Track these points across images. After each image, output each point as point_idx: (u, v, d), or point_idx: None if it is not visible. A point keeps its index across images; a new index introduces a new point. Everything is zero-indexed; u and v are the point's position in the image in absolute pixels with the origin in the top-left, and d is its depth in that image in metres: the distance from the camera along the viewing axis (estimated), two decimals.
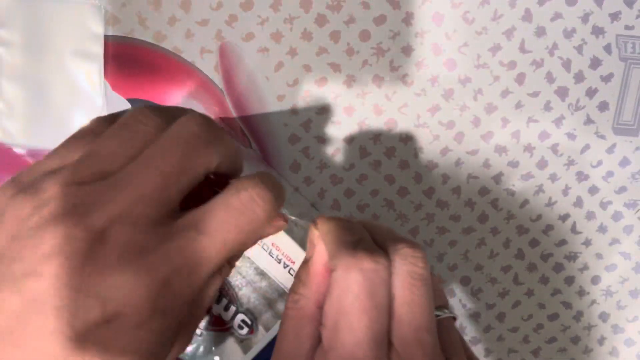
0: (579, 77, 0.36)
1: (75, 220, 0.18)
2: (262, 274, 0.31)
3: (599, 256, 0.40)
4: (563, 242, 0.40)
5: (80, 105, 0.34)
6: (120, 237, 0.19)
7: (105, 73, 0.34)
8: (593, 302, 0.41)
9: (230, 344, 0.32)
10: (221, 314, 0.32)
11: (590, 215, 0.39)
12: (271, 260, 0.31)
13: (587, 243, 0.40)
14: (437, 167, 0.38)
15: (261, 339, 0.31)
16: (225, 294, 0.31)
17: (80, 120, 0.34)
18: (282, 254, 0.31)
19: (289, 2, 0.34)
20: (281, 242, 0.30)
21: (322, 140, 0.36)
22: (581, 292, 0.41)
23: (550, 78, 0.36)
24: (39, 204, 0.19)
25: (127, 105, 0.35)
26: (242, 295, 0.31)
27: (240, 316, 0.31)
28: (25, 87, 0.34)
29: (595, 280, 0.41)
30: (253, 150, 0.36)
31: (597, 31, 0.35)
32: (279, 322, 0.31)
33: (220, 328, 0.32)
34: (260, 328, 0.31)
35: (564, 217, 0.39)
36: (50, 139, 0.35)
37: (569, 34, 0.35)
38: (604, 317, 0.42)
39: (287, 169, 0.37)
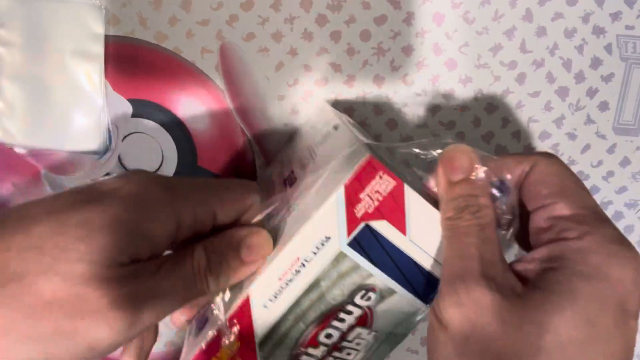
0: (580, 77, 0.36)
1: None
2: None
3: None
4: None
5: (80, 105, 0.34)
6: None
7: (105, 73, 0.34)
8: None
9: None
10: None
11: None
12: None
13: None
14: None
15: None
16: None
17: (81, 120, 0.34)
18: None
19: (289, 2, 0.34)
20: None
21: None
22: None
23: (550, 78, 0.36)
24: None
25: (127, 106, 0.35)
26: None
27: None
28: (25, 87, 0.34)
29: None
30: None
31: (598, 31, 0.35)
32: None
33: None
34: None
35: None
36: (50, 139, 0.35)
37: (569, 33, 0.35)
38: None
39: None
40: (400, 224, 0.26)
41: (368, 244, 0.26)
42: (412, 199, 0.25)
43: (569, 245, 0.21)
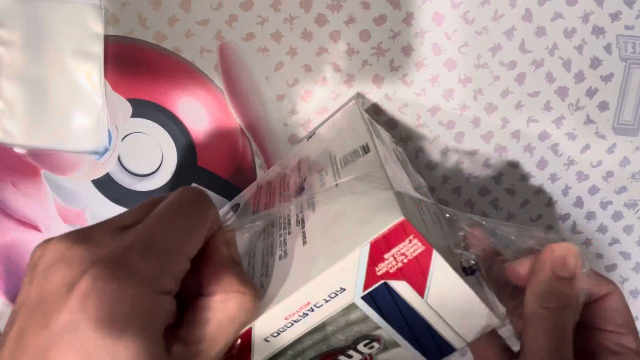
0: (579, 77, 0.36)
1: None
2: None
3: (599, 256, 0.40)
4: None
5: (80, 105, 0.34)
6: None
7: (105, 73, 0.34)
8: None
9: None
10: None
11: (590, 215, 0.39)
12: None
13: (587, 243, 0.40)
14: (437, 167, 0.38)
15: None
16: None
17: (80, 120, 0.34)
18: None
19: (289, 2, 0.34)
20: None
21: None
22: None
23: (550, 78, 0.36)
24: None
25: (127, 106, 0.35)
26: None
27: None
28: (25, 87, 0.34)
29: None
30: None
31: (597, 31, 0.35)
32: None
33: None
34: None
35: (564, 217, 0.39)
36: (50, 139, 0.35)
37: (569, 34, 0.35)
38: None
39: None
40: (420, 287, 0.25)
41: (382, 300, 0.25)
42: (439, 265, 0.25)
43: None
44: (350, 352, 0.27)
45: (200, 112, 0.35)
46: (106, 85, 0.34)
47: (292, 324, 0.26)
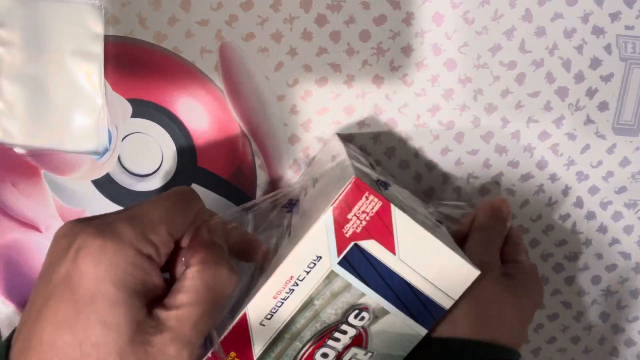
0: (579, 77, 0.36)
1: None
2: None
3: (599, 256, 0.40)
4: (563, 242, 0.40)
5: (80, 105, 0.34)
6: None
7: (105, 73, 0.34)
8: (593, 302, 0.41)
9: None
10: None
11: (590, 215, 0.39)
12: None
13: (587, 243, 0.40)
14: (437, 167, 0.38)
15: None
16: None
17: (80, 120, 0.34)
18: None
19: (289, 2, 0.34)
20: None
21: (322, 140, 0.36)
22: (581, 292, 0.41)
23: (550, 78, 0.36)
24: None
25: (127, 106, 0.35)
26: None
27: None
28: (25, 87, 0.34)
29: (595, 280, 0.41)
30: None
31: (597, 31, 0.35)
32: None
33: None
34: None
35: (564, 217, 0.39)
36: (50, 139, 0.35)
37: (569, 34, 0.35)
38: (604, 317, 0.42)
39: (287, 169, 0.37)
40: (389, 244, 0.27)
41: (358, 263, 0.27)
42: (400, 220, 0.26)
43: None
44: (344, 327, 0.28)
45: (200, 112, 0.35)
46: (106, 85, 0.34)
47: (282, 303, 0.27)
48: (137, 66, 0.34)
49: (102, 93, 0.34)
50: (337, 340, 0.28)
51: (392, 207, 0.26)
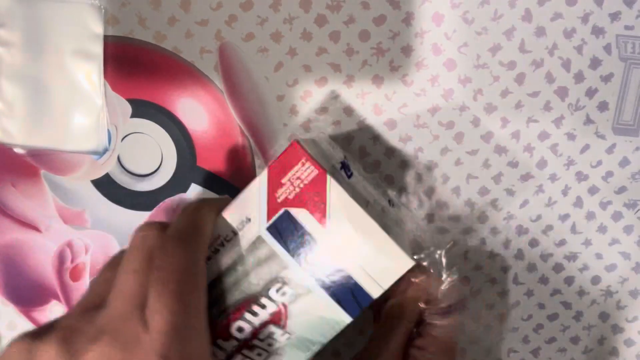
0: (579, 77, 0.36)
1: None
2: None
3: (599, 256, 0.40)
4: (563, 242, 0.40)
5: (79, 106, 0.34)
6: None
7: (104, 73, 0.34)
8: (593, 302, 0.41)
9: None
10: None
11: (590, 215, 0.39)
12: None
13: (587, 243, 0.40)
14: (437, 167, 0.38)
15: None
16: None
17: (80, 120, 0.34)
18: None
19: (288, 2, 0.34)
20: None
21: None
22: (581, 292, 0.41)
23: (550, 78, 0.36)
24: None
25: (126, 106, 0.35)
26: None
27: None
28: (25, 87, 0.34)
29: (595, 280, 0.41)
30: None
31: (597, 31, 0.35)
32: None
33: None
34: None
35: (564, 217, 0.39)
36: (50, 139, 0.35)
37: (568, 34, 0.35)
38: (604, 317, 0.42)
39: None
40: (321, 216, 0.25)
41: (287, 231, 0.25)
42: (335, 192, 0.25)
43: None
44: (263, 300, 0.27)
45: (200, 112, 0.35)
46: (106, 85, 0.34)
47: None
48: (137, 66, 0.34)
49: (102, 93, 0.34)
50: (255, 314, 0.27)
51: (328, 177, 0.25)
